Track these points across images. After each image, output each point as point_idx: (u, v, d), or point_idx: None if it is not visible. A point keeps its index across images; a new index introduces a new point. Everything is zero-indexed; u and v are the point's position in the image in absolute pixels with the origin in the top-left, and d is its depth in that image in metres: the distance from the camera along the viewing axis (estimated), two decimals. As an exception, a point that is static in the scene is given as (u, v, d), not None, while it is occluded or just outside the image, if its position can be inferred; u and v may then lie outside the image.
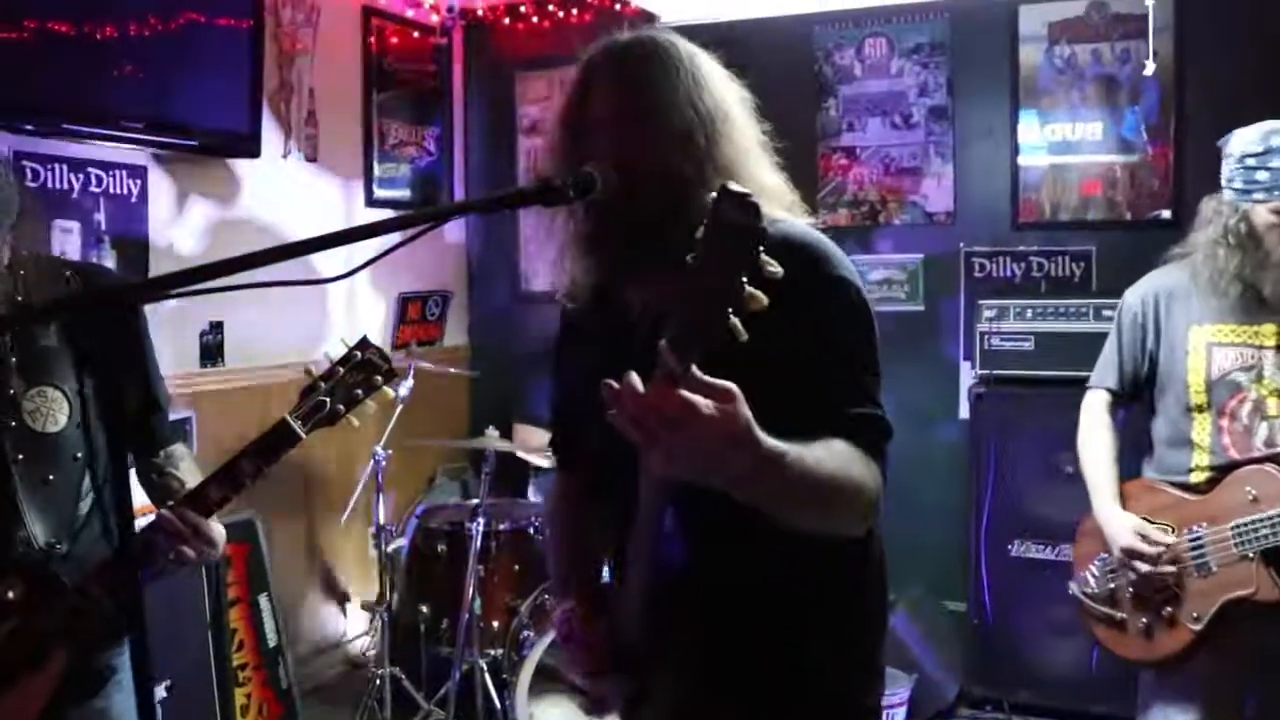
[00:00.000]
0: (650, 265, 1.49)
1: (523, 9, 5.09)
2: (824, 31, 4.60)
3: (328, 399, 2.04)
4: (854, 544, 1.57)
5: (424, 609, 4.06)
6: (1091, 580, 2.78)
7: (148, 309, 2.22)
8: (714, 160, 1.54)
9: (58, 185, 3.56)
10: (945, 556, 4.29)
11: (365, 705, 3.99)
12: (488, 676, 3.88)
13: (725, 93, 1.60)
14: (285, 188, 4.41)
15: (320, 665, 4.63)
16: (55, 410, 1.99)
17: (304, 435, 2.02)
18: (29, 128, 3.41)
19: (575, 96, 1.62)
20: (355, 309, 4.77)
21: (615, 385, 1.16)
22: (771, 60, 4.49)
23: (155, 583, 2.01)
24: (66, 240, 3.60)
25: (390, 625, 4.09)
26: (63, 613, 1.88)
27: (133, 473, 2.26)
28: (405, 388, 4.07)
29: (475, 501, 4.08)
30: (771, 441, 1.23)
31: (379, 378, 2.07)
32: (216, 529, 2.03)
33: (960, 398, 4.41)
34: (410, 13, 5.01)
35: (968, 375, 4.35)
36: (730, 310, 1.15)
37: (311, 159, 4.56)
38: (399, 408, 4.11)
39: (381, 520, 4.10)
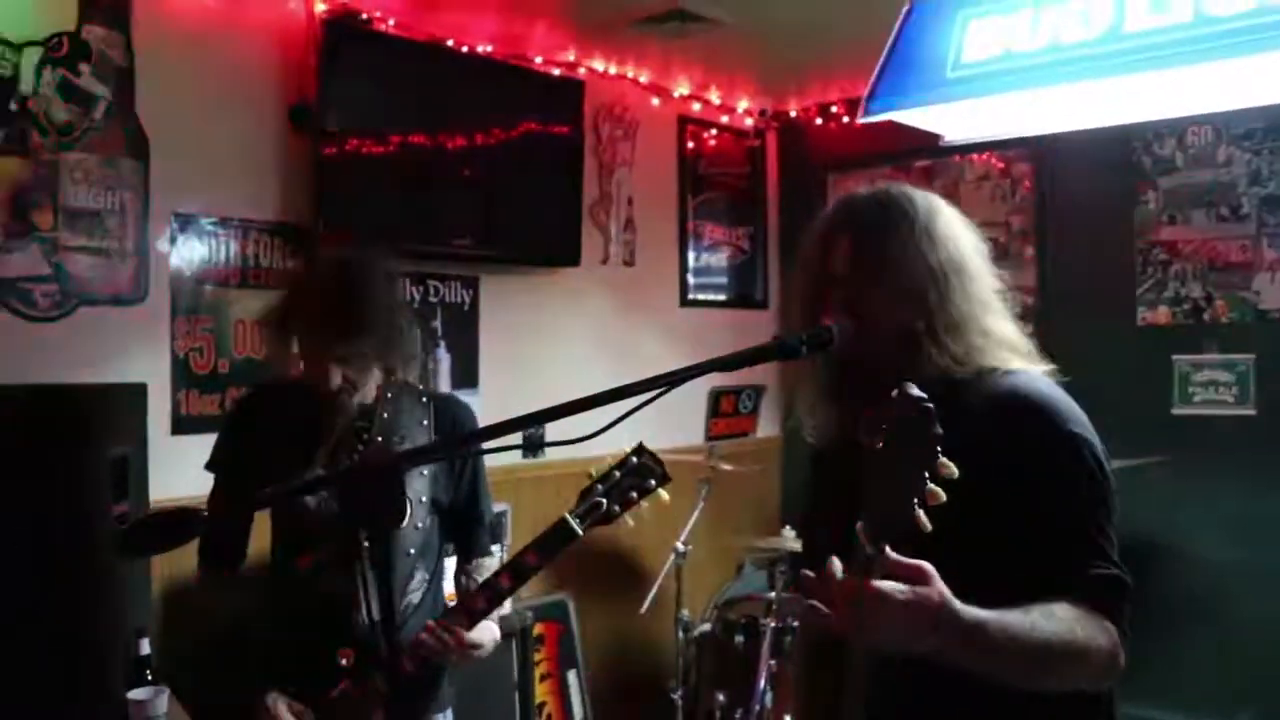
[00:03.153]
0: None
1: (834, 109, 5.20)
2: (1142, 121, 4.34)
3: (604, 500, 2.24)
4: (1084, 701, 1.55)
5: (720, 696, 4.21)
6: None
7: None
8: (946, 314, 1.61)
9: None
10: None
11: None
12: (776, 768, 3.93)
13: (960, 245, 1.67)
14: (604, 291, 4.73)
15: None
16: None
17: (581, 533, 2.23)
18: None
19: (816, 250, 1.73)
20: (672, 403, 4.88)
21: (812, 575, 1.28)
22: (1082, 152, 4.34)
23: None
24: (407, 345, 4.07)
25: (686, 709, 4.25)
26: (381, 681, 2.20)
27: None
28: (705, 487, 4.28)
29: (772, 595, 4.21)
30: (971, 614, 1.30)
31: (652, 481, 2.25)
32: (487, 629, 2.31)
33: (1300, 510, 4.00)
34: (725, 118, 5.24)
35: (1309, 488, 3.95)
36: (915, 503, 1.24)
37: (629, 263, 4.86)
38: (699, 505, 4.29)
39: (682, 610, 4.30)
